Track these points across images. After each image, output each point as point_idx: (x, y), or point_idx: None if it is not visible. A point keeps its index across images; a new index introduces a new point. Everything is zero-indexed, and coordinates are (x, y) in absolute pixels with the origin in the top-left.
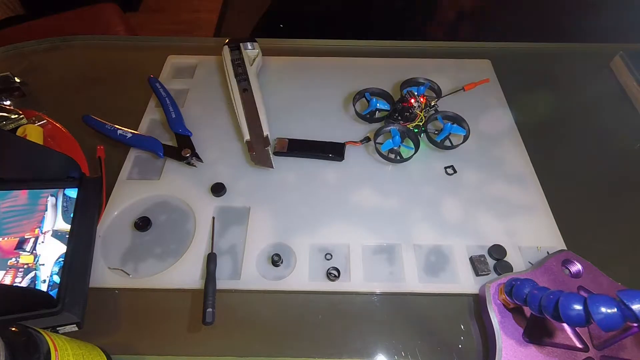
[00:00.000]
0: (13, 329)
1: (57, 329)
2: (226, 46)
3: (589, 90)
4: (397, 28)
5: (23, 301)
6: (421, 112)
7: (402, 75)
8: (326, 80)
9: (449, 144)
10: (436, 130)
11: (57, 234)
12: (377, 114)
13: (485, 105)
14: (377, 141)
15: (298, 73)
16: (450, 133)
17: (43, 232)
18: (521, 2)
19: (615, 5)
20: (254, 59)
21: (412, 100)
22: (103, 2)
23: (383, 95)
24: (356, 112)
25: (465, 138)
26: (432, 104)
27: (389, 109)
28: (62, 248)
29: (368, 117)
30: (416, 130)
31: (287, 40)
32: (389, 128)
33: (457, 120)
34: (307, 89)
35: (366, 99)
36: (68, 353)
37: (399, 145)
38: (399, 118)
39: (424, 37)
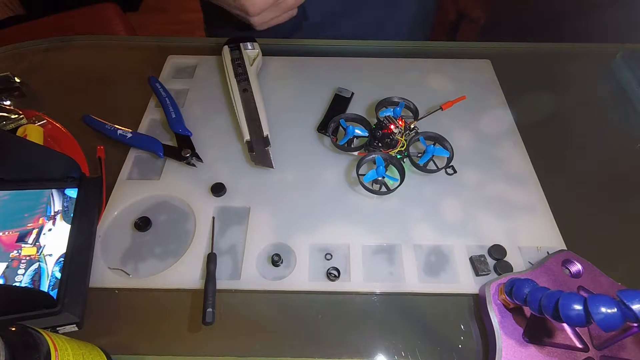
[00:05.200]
0: (13, 329)
1: (57, 329)
2: (226, 46)
3: (589, 91)
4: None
5: (23, 301)
6: (402, 137)
7: (403, 75)
8: (326, 80)
9: (433, 167)
10: (419, 153)
11: (59, 225)
12: (355, 142)
13: (485, 105)
14: (359, 173)
15: (298, 73)
16: (433, 155)
17: (48, 218)
18: (524, 4)
19: (615, 5)
20: (254, 59)
21: (392, 126)
22: (103, 2)
23: (359, 120)
24: (333, 143)
25: (449, 160)
26: (412, 127)
27: (367, 135)
28: (62, 247)
29: (345, 147)
30: (399, 157)
31: (287, 40)
32: (373, 156)
33: (439, 140)
34: (307, 89)
35: (342, 126)
36: (68, 353)
37: (384, 176)
38: (379, 145)
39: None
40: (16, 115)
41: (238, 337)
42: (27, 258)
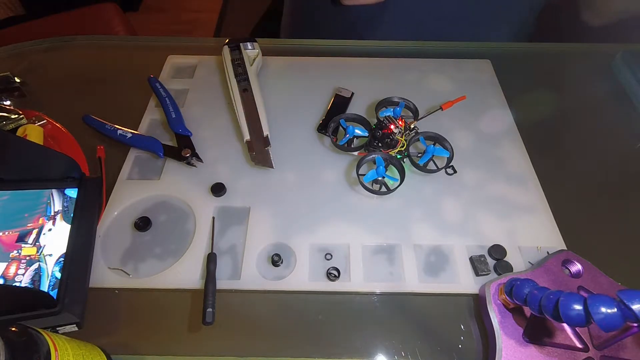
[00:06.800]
0: (13, 329)
1: (57, 329)
2: (226, 46)
3: (589, 91)
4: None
5: (23, 301)
6: (402, 137)
7: (403, 75)
8: (326, 80)
9: (433, 167)
10: (419, 153)
11: (59, 225)
12: (355, 142)
13: (485, 105)
14: (359, 173)
15: (298, 73)
16: (433, 155)
17: (48, 218)
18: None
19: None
20: (254, 59)
21: (392, 126)
22: (103, 2)
23: (359, 120)
24: (333, 143)
25: (449, 160)
26: (412, 127)
27: (367, 135)
28: (62, 247)
29: (345, 147)
30: (399, 157)
31: (287, 40)
32: (373, 156)
33: (439, 140)
34: (307, 89)
35: (342, 126)
36: (68, 353)
37: (384, 176)
38: (379, 145)
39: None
40: (16, 115)
41: (238, 337)
42: (27, 258)
